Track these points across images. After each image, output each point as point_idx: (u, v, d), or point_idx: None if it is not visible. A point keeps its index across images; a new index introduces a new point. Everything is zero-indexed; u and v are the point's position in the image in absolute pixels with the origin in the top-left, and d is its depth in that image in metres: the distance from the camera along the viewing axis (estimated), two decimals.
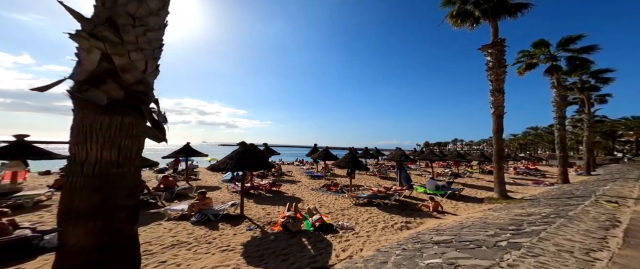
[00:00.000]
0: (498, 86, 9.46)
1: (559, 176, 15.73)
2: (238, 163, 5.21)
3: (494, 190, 9.92)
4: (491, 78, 9.60)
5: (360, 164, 9.33)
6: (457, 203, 9.14)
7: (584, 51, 15.01)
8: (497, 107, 9.53)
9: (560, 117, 15.52)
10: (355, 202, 8.27)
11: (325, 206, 7.68)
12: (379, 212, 7.18)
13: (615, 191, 8.32)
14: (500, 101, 9.49)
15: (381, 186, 11.25)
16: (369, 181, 14.76)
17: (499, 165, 9.69)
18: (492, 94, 9.62)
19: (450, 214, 7.43)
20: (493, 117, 9.70)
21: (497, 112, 9.54)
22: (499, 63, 9.35)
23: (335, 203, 8.21)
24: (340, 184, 11.81)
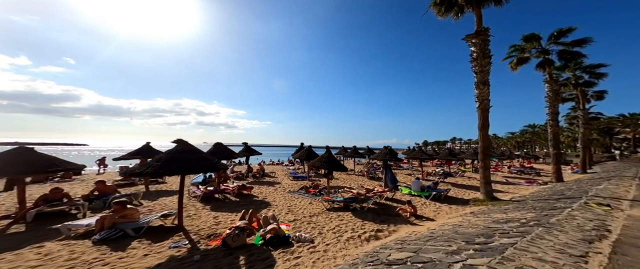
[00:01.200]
0: (483, 78, 8.81)
1: (553, 174, 15.12)
2: (166, 166, 4.28)
3: (480, 191, 9.26)
4: (475, 69, 8.95)
5: (337, 164, 8.59)
6: (441, 205, 8.47)
7: (576, 44, 14.44)
8: (482, 101, 8.88)
9: (554, 113, 14.91)
10: (330, 207, 7.58)
11: (294, 212, 6.98)
12: (352, 218, 6.50)
13: (610, 191, 7.68)
14: (486, 94, 8.83)
15: (364, 187, 10.55)
16: (356, 181, 14.07)
17: (485, 164, 9.03)
18: (477, 86, 8.97)
19: (428, 219, 6.76)
20: (478, 111, 9.04)
21: (483, 106, 8.89)
22: (483, 53, 8.70)
23: (308, 208, 7.51)
24: (322, 185, 11.12)
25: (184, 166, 4.41)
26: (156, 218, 4.94)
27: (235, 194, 8.58)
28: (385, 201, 8.84)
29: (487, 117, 8.95)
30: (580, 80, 20.88)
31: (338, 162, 8.87)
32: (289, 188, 10.96)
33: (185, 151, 4.78)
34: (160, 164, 4.29)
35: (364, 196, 8.29)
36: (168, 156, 4.54)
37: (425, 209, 7.93)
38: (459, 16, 10.19)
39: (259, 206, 7.64)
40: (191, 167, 4.56)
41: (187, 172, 4.45)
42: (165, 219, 5.30)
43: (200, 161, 4.72)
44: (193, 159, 4.68)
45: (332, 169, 8.57)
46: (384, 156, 12.33)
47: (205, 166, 4.83)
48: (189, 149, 4.90)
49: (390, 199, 9.15)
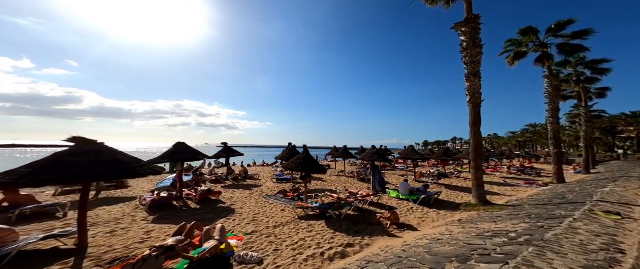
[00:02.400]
0: (474, 69, 7.99)
1: (554, 175, 14.20)
2: (39, 174, 3.07)
3: (472, 194, 8.39)
4: (466, 60, 8.14)
5: (315, 165, 7.71)
6: (429, 211, 7.61)
7: (577, 36, 13.58)
8: (474, 94, 8.05)
9: (554, 109, 14.03)
10: (303, 214, 6.74)
11: (257, 222, 6.13)
12: (323, 229, 5.66)
13: (617, 194, 6.81)
14: (477, 87, 8.00)
15: (348, 191, 9.66)
16: (345, 184, 13.20)
17: (477, 164, 8.17)
18: (468, 78, 8.15)
19: (411, 228, 5.90)
20: (469, 106, 8.21)
21: (474, 100, 8.06)
22: (473, 43, 7.90)
23: (277, 216, 6.66)
24: (303, 189, 10.21)
25: (86, 170, 3.44)
26: (36, 241, 3.80)
27: (198, 200, 7.73)
28: (369, 206, 7.98)
29: (478, 112, 8.11)
30: (582, 76, 19.98)
31: (316, 163, 8.00)
32: (268, 192, 10.12)
33: (85, 152, 3.71)
34: (29, 171, 3.16)
35: (344, 201, 7.44)
36: (54, 159, 3.47)
37: (410, 215, 7.08)
38: (450, 5, 9.41)
39: (219, 214, 6.78)
40: (80, 175, 3.43)
41: (91, 179, 3.50)
42: (60, 240, 4.16)
43: (108, 164, 3.71)
44: (92, 162, 3.60)
45: (309, 171, 7.73)
46: (372, 157, 11.50)
47: (110, 172, 3.75)
48: (92, 150, 3.85)
49: (375, 204, 8.30)
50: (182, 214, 6.77)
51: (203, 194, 7.80)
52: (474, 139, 8.20)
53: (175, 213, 6.77)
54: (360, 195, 8.32)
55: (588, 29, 13.27)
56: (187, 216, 6.52)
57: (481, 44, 7.96)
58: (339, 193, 9.09)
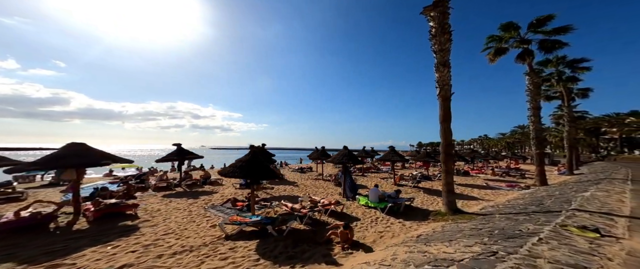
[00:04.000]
0: (443, 58, 7.11)
1: (536, 176, 13.55)
2: None
3: (442, 201, 7.43)
4: (435, 48, 7.25)
5: (264, 170, 6.42)
6: (395, 221, 6.60)
7: (556, 32, 13.07)
8: (443, 86, 7.15)
9: (535, 108, 13.43)
10: (236, 231, 5.51)
11: (158, 246, 4.72)
12: (248, 253, 4.43)
13: (598, 200, 6.00)
14: (447, 78, 7.11)
15: (311, 197, 8.47)
16: (319, 188, 12.09)
17: (447, 167, 7.23)
18: (437, 69, 7.25)
19: (364, 248, 4.83)
20: (439, 100, 7.30)
21: (443, 93, 7.15)
22: (442, 28, 7.03)
23: (200, 234, 5.30)
24: (263, 196, 9.01)
25: None
26: None
27: (94, 218, 6.05)
28: (329, 216, 6.89)
29: (448, 107, 7.21)
30: (563, 75, 19.72)
31: (265, 167, 6.71)
32: (222, 200, 8.84)
33: None
34: None
35: (298, 211, 6.31)
36: None
37: (370, 229, 6.00)
38: None
39: (109, 236, 5.29)
40: None
41: None
42: None
43: None
44: None
45: (255, 177, 6.45)
46: (342, 159, 10.45)
47: None
48: None
49: (338, 213, 7.22)
50: (38, 241, 4.97)
51: (100, 210, 6.17)
52: (444, 137, 7.27)
53: (28, 241, 4.99)
54: (321, 203, 7.26)
55: (567, 25, 12.78)
56: (45, 245, 4.75)
57: (450, 31, 7.10)
58: (301, 201, 7.96)
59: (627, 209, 4.95)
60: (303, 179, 15.59)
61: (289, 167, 24.77)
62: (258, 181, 6.49)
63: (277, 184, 13.21)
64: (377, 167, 23.35)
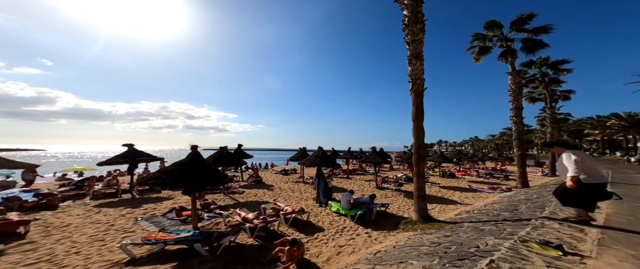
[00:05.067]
0: (415, 50, 6.57)
1: (518, 178, 13.32)
2: None
3: (413, 208, 6.87)
4: (408, 39, 6.72)
5: (206, 176, 5.07)
6: (362, 231, 5.99)
7: (538, 32, 12.93)
8: (416, 80, 6.60)
9: (517, 108, 13.22)
10: (151, 251, 4.62)
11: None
12: None
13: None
14: (419, 71, 6.57)
15: (276, 203, 7.69)
16: (296, 193, 11.40)
17: (418, 170, 6.68)
18: (409, 61, 6.71)
19: None
20: (411, 95, 6.75)
21: (416, 88, 6.60)
22: (415, 17, 6.52)
23: (104, 258, 4.47)
24: (212, 203, 7.56)
25: None
26: None
27: None
28: (290, 227, 6.20)
29: (421, 102, 6.65)
30: (546, 77, 19.84)
31: (208, 172, 5.33)
32: (167, 208, 7.64)
33: None
34: None
35: (250, 222, 5.43)
36: None
37: (331, 242, 5.33)
38: None
39: None
40: None
41: None
42: None
43: None
44: None
45: (194, 184, 4.92)
46: (315, 160, 9.81)
47: None
48: None
49: (304, 222, 6.55)
50: None
51: None
52: (416, 137, 6.71)
53: None
54: (284, 211, 6.58)
55: (547, 25, 12.64)
56: None
57: (423, 20, 6.59)
58: (263, 208, 7.25)
59: (601, 216, 4.52)
60: (283, 181, 14.89)
61: (274, 168, 23.98)
62: (200, 189, 5.28)
63: (251, 188, 12.45)
64: (365, 169, 22.89)
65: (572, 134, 42.24)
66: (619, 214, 4.80)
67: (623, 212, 4.95)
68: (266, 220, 5.54)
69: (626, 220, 4.31)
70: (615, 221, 4.29)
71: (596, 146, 45.17)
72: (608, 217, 4.54)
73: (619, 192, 8.00)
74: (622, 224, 4.12)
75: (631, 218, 4.47)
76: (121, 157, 9.66)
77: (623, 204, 5.81)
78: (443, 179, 18.19)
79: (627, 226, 4.06)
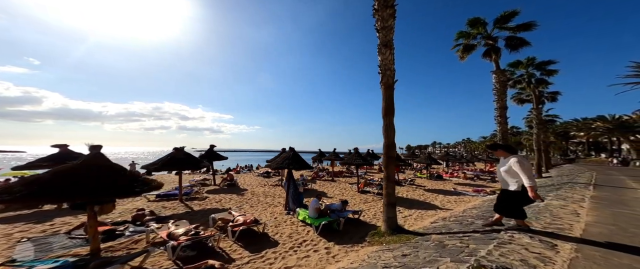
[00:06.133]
0: (385, 38, 5.90)
1: None
2: None
3: (383, 217, 6.17)
4: (378, 26, 6.07)
5: (109, 183, 3.77)
6: (323, 245, 5.23)
7: (521, 29, 12.65)
8: (386, 72, 5.90)
9: (501, 108, 12.85)
10: None
11: None
12: None
13: (551, 212, 5.08)
14: (389, 62, 5.88)
15: (231, 213, 6.66)
16: (267, 198, 10.59)
17: (388, 173, 5.97)
18: (379, 51, 6.03)
19: None
20: (381, 88, 6.05)
21: (386, 80, 5.88)
22: (385, 2, 5.87)
23: None
24: (149, 214, 6.45)
25: None
26: None
27: None
28: (236, 241, 5.22)
29: (391, 96, 5.92)
30: (533, 77, 19.77)
31: (108, 181, 3.85)
32: (77, 223, 6.10)
33: None
34: None
35: (175, 238, 4.46)
36: None
37: (279, 262, 4.50)
38: None
39: None
40: None
41: None
42: None
43: None
44: None
45: (92, 197, 3.57)
46: (283, 162, 9.05)
47: None
48: None
49: (259, 235, 5.70)
50: None
51: None
52: (386, 135, 5.97)
53: None
54: (233, 223, 5.61)
55: (531, 21, 12.37)
56: None
57: (394, 5, 5.97)
58: (213, 218, 6.23)
59: (579, 225, 3.99)
60: (260, 185, 14.08)
61: (257, 170, 23.10)
62: (101, 201, 3.65)
63: (219, 192, 11.55)
64: (351, 171, 22.30)
65: (559, 136, 42.88)
66: (600, 223, 4.29)
67: (604, 220, 4.44)
68: (198, 236, 4.57)
69: (607, 231, 3.79)
70: (595, 232, 3.75)
71: (582, 148, 46.00)
72: (587, 227, 4.01)
73: (603, 196, 7.64)
74: (603, 236, 3.59)
75: (613, 228, 3.96)
76: (46, 161, 7.82)
77: (605, 210, 5.35)
78: (430, 181, 17.75)
79: (608, 238, 3.53)
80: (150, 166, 8.25)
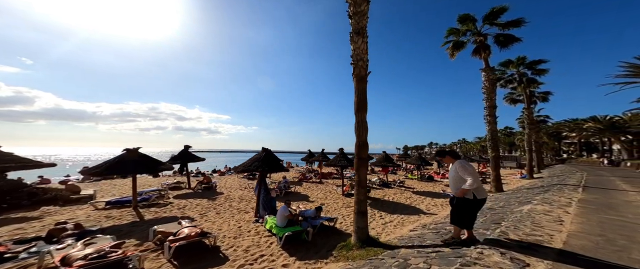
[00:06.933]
0: (358, 24, 5.26)
1: (492, 182, 12.54)
2: None
3: (353, 227, 5.56)
4: (350, 11, 5.46)
5: None
6: (284, 260, 4.63)
7: (510, 26, 12.32)
8: (358, 62, 5.26)
9: (491, 106, 12.49)
10: None
11: None
12: None
13: (533, 220, 4.62)
14: (362, 51, 5.25)
15: (183, 224, 5.84)
16: (241, 203, 9.99)
17: (359, 177, 5.34)
18: (351, 39, 5.40)
19: None
20: (353, 80, 5.40)
21: (358, 71, 5.20)
22: None
23: None
24: (74, 227, 5.42)
25: None
26: None
27: None
28: (174, 258, 4.45)
29: (364, 89, 5.26)
30: (524, 77, 19.56)
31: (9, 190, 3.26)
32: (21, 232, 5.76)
33: None
34: None
35: (69, 263, 3.47)
36: None
37: None
38: None
39: None
40: None
41: None
42: None
43: None
44: None
45: None
46: (252, 165, 8.32)
47: None
48: None
49: (210, 249, 5.02)
50: None
51: None
52: (358, 133, 5.33)
53: None
54: (175, 236, 4.79)
55: (520, 18, 12.04)
56: None
57: None
58: (154, 231, 5.43)
59: (561, 237, 3.52)
60: (240, 188, 13.45)
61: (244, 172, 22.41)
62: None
63: (189, 197, 10.75)
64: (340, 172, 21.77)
65: (552, 137, 43.05)
66: (584, 233, 3.83)
67: (590, 229, 3.98)
68: (104, 258, 3.59)
69: (592, 244, 3.31)
70: (577, 245, 3.28)
71: (574, 148, 46.28)
72: (569, 238, 3.54)
73: (592, 199, 7.25)
74: (586, 250, 3.11)
75: (598, 240, 3.49)
76: None
77: (592, 217, 4.91)
78: (420, 183, 17.34)
79: (592, 252, 3.05)
80: (91, 170, 6.99)
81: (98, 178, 15.56)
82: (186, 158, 11.72)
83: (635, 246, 3.25)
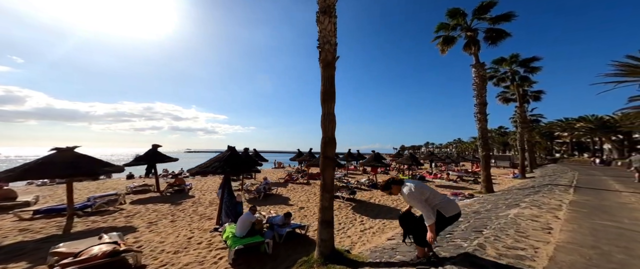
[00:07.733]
0: (325, 2, 4.37)
1: (483, 182, 12.08)
2: None
3: (317, 239, 4.84)
4: None
5: None
6: None
7: (500, 20, 11.88)
8: (324, 45, 4.45)
9: (481, 104, 12.03)
10: None
11: None
12: None
13: (519, 227, 4.06)
14: (330, 33, 4.45)
15: (102, 236, 4.72)
16: (212, 206, 9.21)
17: (324, 180, 4.49)
18: (318, 19, 4.60)
19: None
20: (320, 67, 4.50)
21: (324, 56, 4.39)
22: None
23: None
24: None
25: None
26: None
27: None
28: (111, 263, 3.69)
29: (332, 76, 4.44)
30: (516, 75, 19.24)
31: None
32: None
33: None
34: None
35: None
36: None
37: None
38: None
39: None
40: None
41: None
42: None
43: None
44: None
45: None
46: (211, 166, 7.41)
47: None
48: None
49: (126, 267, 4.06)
50: None
51: None
52: (324, 128, 4.57)
53: None
54: (75, 258, 3.72)
55: (509, 12, 11.62)
56: None
57: None
58: (53, 253, 4.10)
59: (547, 250, 2.95)
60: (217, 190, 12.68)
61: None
62: None
63: (153, 201, 9.93)
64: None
65: (544, 136, 43.18)
66: (575, 243, 3.27)
67: (582, 240, 3.43)
68: None
69: (584, 261, 2.74)
70: (567, 262, 2.70)
71: (565, 148, 46.56)
72: (557, 251, 2.96)
73: (584, 201, 6.77)
74: (576, 268, 2.54)
75: (591, 254, 2.93)
76: None
77: (584, 223, 4.38)
78: None
79: None
80: (3, 174, 5.78)
81: (53, 182, 14.44)
82: (154, 159, 10.87)
83: (636, 263, 2.70)
